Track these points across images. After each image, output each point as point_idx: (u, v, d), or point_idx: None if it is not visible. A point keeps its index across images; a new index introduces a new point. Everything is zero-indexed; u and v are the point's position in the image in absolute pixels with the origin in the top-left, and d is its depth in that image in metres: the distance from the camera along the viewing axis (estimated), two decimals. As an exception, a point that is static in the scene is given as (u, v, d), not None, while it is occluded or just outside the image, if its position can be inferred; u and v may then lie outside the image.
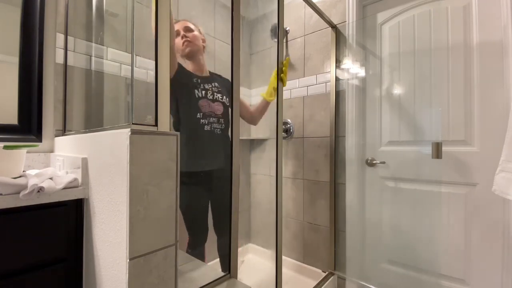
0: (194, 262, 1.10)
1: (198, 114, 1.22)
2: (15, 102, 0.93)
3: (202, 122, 1.23)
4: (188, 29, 1.26)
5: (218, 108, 1.29)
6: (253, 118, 1.44)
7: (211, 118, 1.25)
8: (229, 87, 1.43)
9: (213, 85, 1.31)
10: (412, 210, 1.38)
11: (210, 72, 1.37)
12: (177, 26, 1.25)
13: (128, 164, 0.54)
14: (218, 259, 1.43)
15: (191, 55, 1.27)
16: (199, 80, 1.26)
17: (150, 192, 0.57)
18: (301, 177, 1.79)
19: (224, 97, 1.33)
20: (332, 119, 1.60)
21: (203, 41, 1.33)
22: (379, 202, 1.50)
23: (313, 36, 1.74)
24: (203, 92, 1.25)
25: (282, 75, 1.13)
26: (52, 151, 1.02)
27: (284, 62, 1.14)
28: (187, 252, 1.27)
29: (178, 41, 1.25)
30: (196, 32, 1.28)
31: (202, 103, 1.23)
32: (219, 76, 1.42)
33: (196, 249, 1.28)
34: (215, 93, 1.29)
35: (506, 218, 1.12)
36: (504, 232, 1.13)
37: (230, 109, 1.37)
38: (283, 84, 1.15)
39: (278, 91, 1.11)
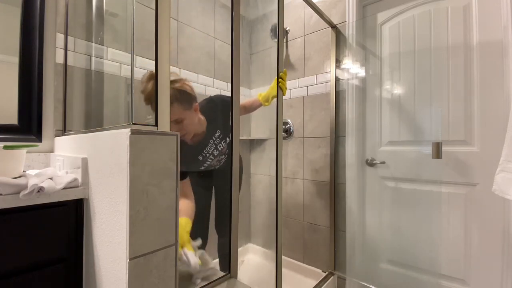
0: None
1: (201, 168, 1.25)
2: (15, 102, 0.93)
3: (202, 174, 1.32)
4: (176, 121, 1.01)
5: (222, 154, 1.27)
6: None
7: (215, 162, 1.28)
8: (228, 107, 1.05)
9: (214, 138, 1.18)
10: (412, 210, 1.38)
11: (207, 106, 1.17)
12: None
13: (128, 164, 0.54)
14: (217, 259, 1.43)
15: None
16: (200, 156, 1.20)
17: (150, 192, 0.57)
18: (301, 177, 1.79)
19: (223, 142, 1.21)
20: (332, 119, 1.60)
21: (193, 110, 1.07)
22: (379, 202, 1.50)
23: (313, 36, 1.74)
24: (205, 161, 1.22)
25: (281, 84, 1.12)
26: (52, 151, 1.02)
27: (281, 74, 1.13)
28: None
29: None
30: (183, 122, 1.03)
31: (205, 164, 1.25)
32: (215, 101, 1.21)
33: None
34: (214, 151, 1.21)
35: (506, 218, 1.12)
36: (504, 232, 1.13)
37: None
38: (283, 93, 1.14)
39: (278, 97, 1.11)
